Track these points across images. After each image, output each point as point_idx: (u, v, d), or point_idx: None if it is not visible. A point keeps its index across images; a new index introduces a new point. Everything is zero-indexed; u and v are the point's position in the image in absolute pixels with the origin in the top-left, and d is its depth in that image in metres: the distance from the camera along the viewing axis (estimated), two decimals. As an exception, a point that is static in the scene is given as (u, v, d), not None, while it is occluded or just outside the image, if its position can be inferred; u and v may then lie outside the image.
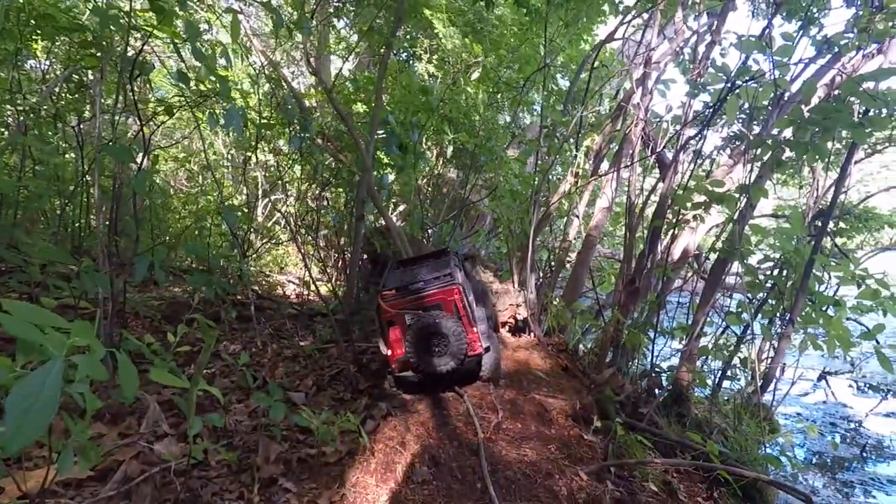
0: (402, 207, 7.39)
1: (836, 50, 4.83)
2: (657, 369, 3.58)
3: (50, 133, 4.79)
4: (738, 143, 5.97)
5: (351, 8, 6.14)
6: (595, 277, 5.94)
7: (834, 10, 5.59)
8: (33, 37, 4.25)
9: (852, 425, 4.76)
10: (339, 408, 2.83)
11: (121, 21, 2.77)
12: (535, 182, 5.01)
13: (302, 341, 4.52)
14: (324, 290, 5.87)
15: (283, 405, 2.34)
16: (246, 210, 5.63)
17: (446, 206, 7.75)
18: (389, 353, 2.97)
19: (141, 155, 2.95)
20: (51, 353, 1.16)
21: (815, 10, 5.32)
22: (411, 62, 7.46)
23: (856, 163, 5.03)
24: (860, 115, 3.15)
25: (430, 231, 6.92)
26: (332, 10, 6.44)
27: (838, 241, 6.23)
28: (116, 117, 3.25)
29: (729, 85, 3.31)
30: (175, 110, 3.39)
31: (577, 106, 6.66)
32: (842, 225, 7.10)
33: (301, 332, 4.85)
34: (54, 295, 3.40)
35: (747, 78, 3.22)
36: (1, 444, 0.98)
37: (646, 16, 5.79)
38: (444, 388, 2.98)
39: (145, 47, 2.90)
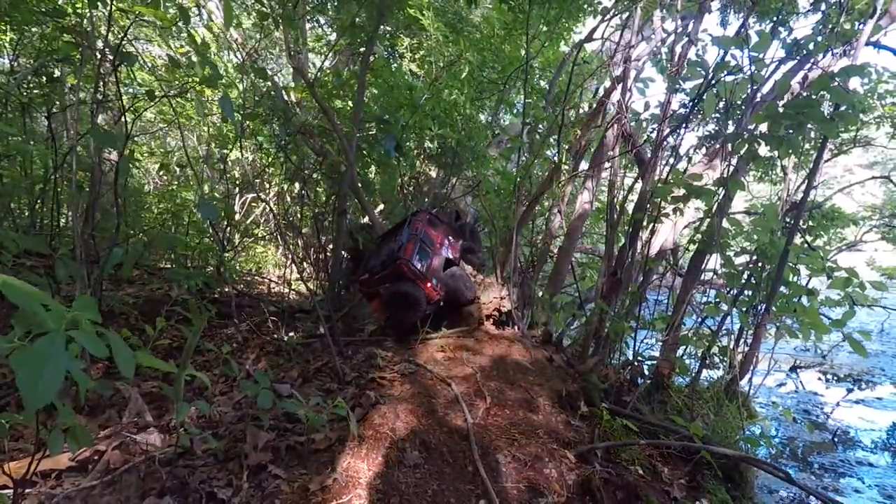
0: (381, 207, 7.34)
1: (805, 53, 5.03)
2: (639, 359, 3.64)
3: (16, 128, 4.63)
4: (713, 142, 6.14)
5: (331, 5, 6.11)
6: (576, 273, 6.02)
7: (802, 15, 5.81)
8: (3, 26, 4.11)
9: (823, 413, 4.94)
10: (326, 398, 2.81)
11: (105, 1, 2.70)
12: (518, 178, 5.05)
13: (284, 337, 4.45)
14: (305, 287, 5.79)
15: (270, 393, 2.31)
16: (225, 202, 5.53)
17: (428, 203, 7.72)
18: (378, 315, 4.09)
19: (123, 141, 2.87)
20: (50, 325, 1.14)
21: (785, 12, 5.52)
22: (393, 60, 7.44)
23: (825, 161, 5.22)
24: (830, 113, 3.27)
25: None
26: (311, 5, 6.41)
27: (807, 238, 6.45)
28: (95, 107, 3.16)
29: (707, 79, 3.40)
30: (157, 99, 3.32)
31: (557, 105, 6.75)
32: (810, 223, 7.35)
33: (283, 328, 4.78)
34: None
35: (725, 72, 3.32)
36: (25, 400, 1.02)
37: (624, 15, 5.90)
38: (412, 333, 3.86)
39: (127, 38, 2.83)
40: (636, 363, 3.60)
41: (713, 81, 3.32)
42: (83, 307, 1.27)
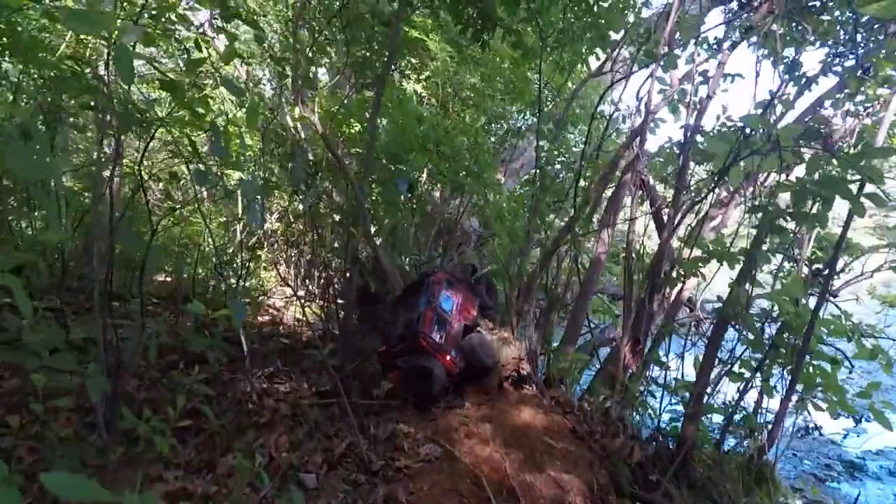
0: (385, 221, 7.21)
1: (817, 100, 5.01)
2: (663, 432, 3.63)
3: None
4: (725, 179, 6.10)
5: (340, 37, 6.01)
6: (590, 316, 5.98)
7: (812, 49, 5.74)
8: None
9: (843, 465, 4.94)
10: (354, 495, 2.77)
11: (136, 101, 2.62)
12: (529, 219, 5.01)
13: (297, 389, 4.37)
14: (311, 314, 5.67)
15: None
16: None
17: (435, 229, 7.60)
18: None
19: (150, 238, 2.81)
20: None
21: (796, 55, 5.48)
22: (402, 76, 7.27)
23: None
24: (858, 190, 3.21)
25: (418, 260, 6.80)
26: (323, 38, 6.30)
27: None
28: (111, 179, 3.09)
29: (734, 153, 3.35)
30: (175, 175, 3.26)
31: (564, 129, 6.69)
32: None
33: (294, 374, 4.68)
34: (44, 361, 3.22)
35: (750, 151, 3.27)
36: None
37: (633, 49, 5.80)
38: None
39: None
40: (661, 436, 3.58)
41: (739, 157, 3.28)
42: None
